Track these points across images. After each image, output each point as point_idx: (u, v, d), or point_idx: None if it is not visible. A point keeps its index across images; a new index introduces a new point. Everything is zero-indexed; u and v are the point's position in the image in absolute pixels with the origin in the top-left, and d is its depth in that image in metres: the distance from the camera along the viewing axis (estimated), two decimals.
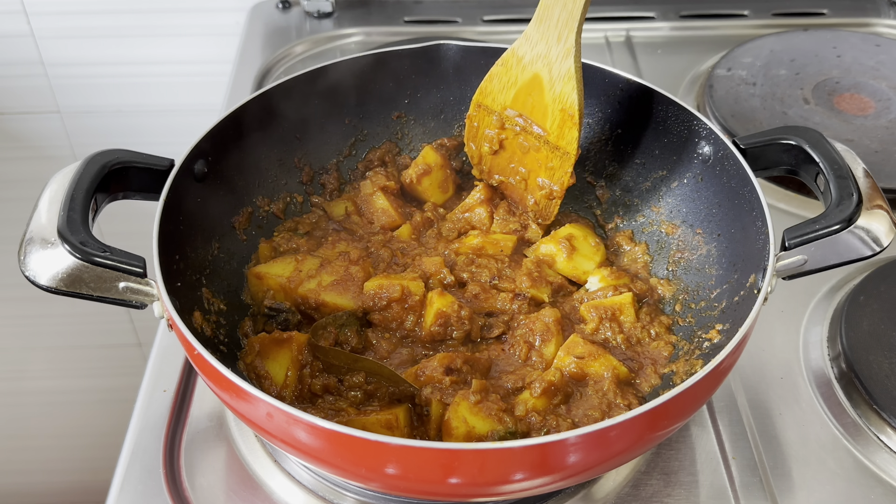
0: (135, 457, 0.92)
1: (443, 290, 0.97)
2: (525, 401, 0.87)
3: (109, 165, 0.85)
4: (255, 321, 0.97)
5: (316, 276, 0.99)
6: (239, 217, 1.03)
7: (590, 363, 0.91)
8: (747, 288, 0.89)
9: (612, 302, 0.98)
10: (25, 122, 1.83)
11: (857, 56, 1.51)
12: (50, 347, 2.20)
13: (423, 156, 1.12)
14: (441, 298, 0.95)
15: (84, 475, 2.39)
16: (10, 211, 1.77)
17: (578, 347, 0.92)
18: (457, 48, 1.12)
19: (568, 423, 0.85)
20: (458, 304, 0.95)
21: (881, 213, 0.84)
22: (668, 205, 1.06)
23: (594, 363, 0.91)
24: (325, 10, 1.66)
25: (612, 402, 0.87)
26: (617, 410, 0.87)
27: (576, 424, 0.85)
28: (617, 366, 0.91)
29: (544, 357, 0.93)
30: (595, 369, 0.91)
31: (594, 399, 0.88)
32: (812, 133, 0.91)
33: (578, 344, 0.93)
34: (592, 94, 1.07)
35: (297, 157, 1.10)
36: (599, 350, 0.92)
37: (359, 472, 0.74)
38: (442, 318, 0.94)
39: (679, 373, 0.91)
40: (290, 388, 0.87)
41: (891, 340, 1.02)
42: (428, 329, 0.95)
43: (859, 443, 0.94)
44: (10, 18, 1.67)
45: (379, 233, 1.08)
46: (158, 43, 1.73)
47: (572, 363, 0.91)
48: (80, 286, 0.77)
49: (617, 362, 0.92)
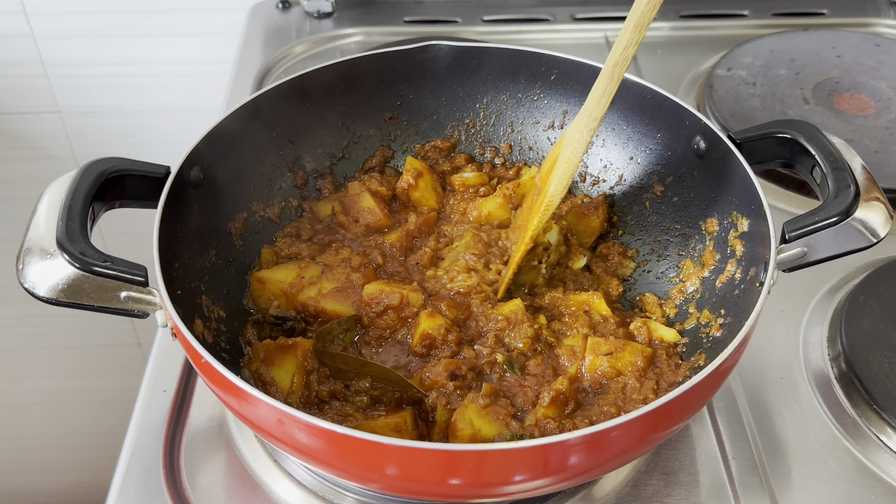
0: (135, 457, 0.92)
1: (433, 311, 0.95)
2: (535, 411, 0.85)
3: (106, 174, 0.85)
4: (259, 328, 0.97)
5: (317, 282, 0.99)
6: (235, 223, 1.03)
7: (619, 357, 0.90)
8: (748, 281, 0.89)
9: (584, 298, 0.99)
10: (25, 122, 1.83)
11: (857, 56, 1.51)
12: (50, 347, 2.20)
13: (409, 163, 1.12)
14: (429, 320, 0.93)
15: (84, 475, 2.39)
16: (10, 211, 1.77)
17: (602, 346, 0.91)
18: (448, 48, 1.12)
19: (585, 424, 0.84)
20: (445, 327, 0.93)
21: (878, 205, 0.85)
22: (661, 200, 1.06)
23: (623, 355, 0.90)
24: (325, 10, 1.66)
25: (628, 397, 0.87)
26: (632, 404, 0.86)
27: (593, 424, 0.85)
28: (643, 349, 0.91)
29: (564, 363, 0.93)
30: (627, 359, 0.90)
31: (610, 396, 0.88)
32: (807, 126, 0.92)
33: (600, 343, 0.92)
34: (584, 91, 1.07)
35: (291, 161, 1.10)
36: (622, 340, 0.92)
37: (370, 476, 0.74)
38: (427, 340, 0.93)
39: None
40: (297, 395, 0.87)
41: (891, 340, 1.02)
42: (413, 348, 0.94)
43: (859, 443, 0.94)
44: (10, 18, 1.67)
45: (365, 233, 1.07)
46: (158, 43, 1.73)
47: (604, 362, 0.90)
48: (81, 297, 0.76)
49: (642, 346, 0.91)
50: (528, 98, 1.15)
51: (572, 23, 1.65)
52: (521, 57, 1.12)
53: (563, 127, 1.15)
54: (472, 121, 1.18)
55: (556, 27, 1.64)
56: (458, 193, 1.13)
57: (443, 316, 0.95)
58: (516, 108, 1.16)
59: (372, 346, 0.96)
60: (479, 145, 1.19)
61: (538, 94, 1.15)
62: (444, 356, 0.92)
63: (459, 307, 0.97)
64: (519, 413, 0.87)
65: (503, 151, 1.18)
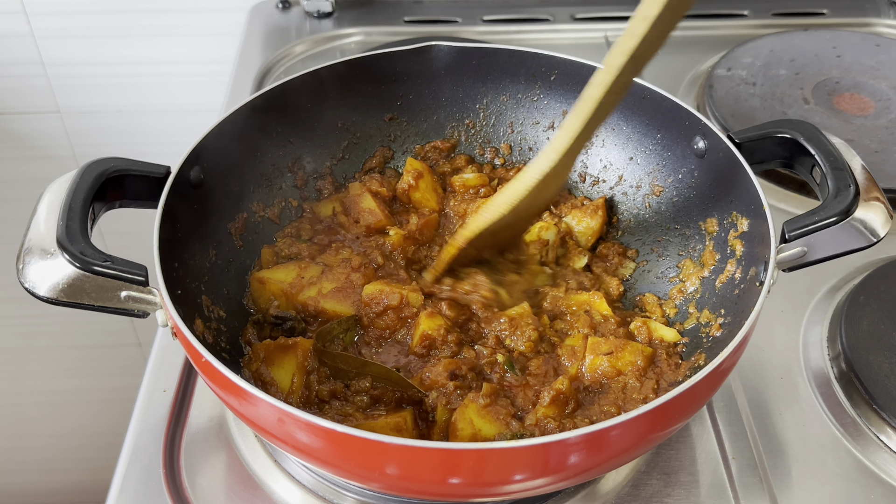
0: (135, 457, 0.92)
1: (433, 312, 0.95)
2: (535, 411, 0.85)
3: (106, 174, 0.84)
4: (259, 328, 0.97)
5: (317, 283, 0.99)
6: (235, 223, 1.03)
7: (619, 356, 0.90)
8: (748, 281, 0.89)
9: (586, 298, 0.99)
10: (25, 122, 1.83)
11: (857, 56, 1.51)
12: (50, 347, 2.20)
13: (409, 163, 1.12)
14: (428, 320, 0.93)
15: (84, 475, 2.39)
16: (10, 211, 1.76)
17: (602, 345, 0.91)
18: (448, 49, 1.12)
19: (585, 424, 0.84)
20: (445, 327, 0.93)
21: (878, 205, 0.85)
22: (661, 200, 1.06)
23: (623, 354, 0.90)
24: (325, 10, 1.66)
25: (629, 396, 0.87)
26: (632, 404, 0.86)
27: (594, 423, 0.85)
28: (643, 348, 0.91)
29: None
30: (627, 359, 0.90)
31: (611, 395, 0.88)
32: (807, 126, 0.92)
33: (600, 342, 0.92)
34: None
35: (291, 162, 1.10)
36: (622, 340, 0.92)
37: (370, 475, 0.74)
38: (427, 341, 0.93)
39: None
40: (297, 395, 0.87)
41: (891, 340, 1.02)
42: (412, 348, 0.94)
43: (859, 443, 0.94)
44: (10, 18, 1.67)
45: (365, 233, 1.07)
46: (158, 43, 1.73)
47: (604, 362, 0.90)
48: (81, 296, 0.76)
49: (643, 345, 0.91)
50: (528, 98, 1.15)
51: (572, 23, 1.65)
52: (521, 57, 1.12)
53: None
54: (472, 121, 1.18)
55: (556, 27, 1.64)
56: (459, 195, 1.13)
57: (443, 316, 0.95)
58: (516, 108, 1.16)
59: (372, 346, 0.96)
60: (479, 146, 1.19)
61: (538, 95, 1.15)
62: (445, 356, 0.92)
63: (460, 308, 0.97)
64: (519, 413, 0.86)
65: (503, 152, 1.18)
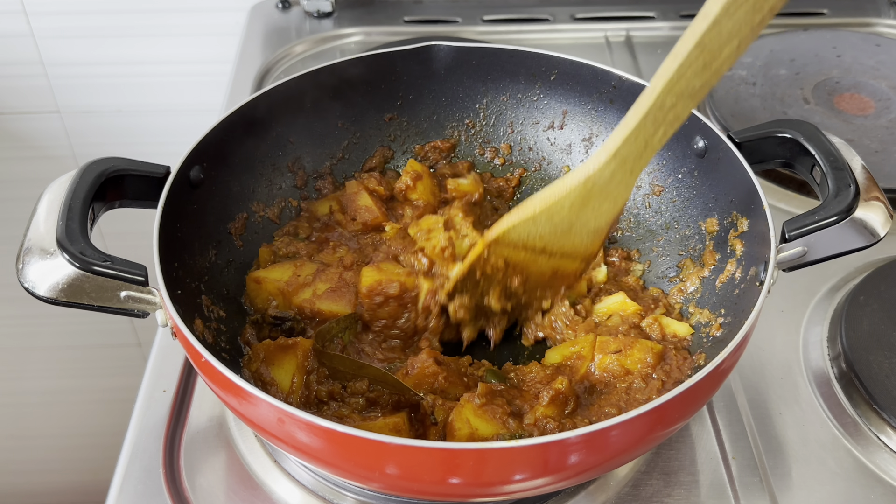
0: (135, 457, 0.92)
1: (426, 274, 0.98)
2: (534, 410, 0.85)
3: (106, 174, 0.84)
4: (258, 328, 0.97)
5: (311, 284, 0.99)
6: (235, 223, 1.03)
7: (628, 354, 0.90)
8: (748, 280, 0.89)
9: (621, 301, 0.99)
10: (25, 122, 1.83)
11: (857, 56, 1.51)
12: (50, 347, 2.20)
13: (410, 165, 1.12)
14: (427, 282, 0.97)
15: (84, 475, 2.39)
16: (10, 211, 1.77)
17: (611, 344, 0.91)
18: (448, 49, 1.12)
19: (585, 424, 0.84)
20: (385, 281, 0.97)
21: (878, 205, 0.85)
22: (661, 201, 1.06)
23: (632, 352, 0.90)
24: (325, 10, 1.66)
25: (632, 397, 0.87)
26: (634, 405, 0.86)
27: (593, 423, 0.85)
28: (653, 345, 0.90)
29: None
30: (636, 356, 0.89)
31: (613, 396, 0.88)
32: (807, 126, 0.92)
33: (608, 341, 0.91)
34: (584, 91, 1.09)
35: (291, 162, 1.10)
36: (630, 338, 0.91)
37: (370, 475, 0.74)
38: (430, 295, 0.96)
39: None
40: (297, 395, 0.87)
41: (891, 340, 1.02)
42: (362, 300, 0.97)
43: (859, 443, 0.94)
44: (10, 18, 1.67)
45: (362, 231, 1.08)
46: (158, 43, 1.73)
47: (613, 361, 0.90)
48: (81, 296, 0.76)
49: (652, 343, 0.91)
50: (528, 98, 1.15)
51: (572, 23, 1.65)
52: (521, 57, 1.12)
53: (563, 127, 1.15)
54: (472, 121, 1.18)
55: (556, 27, 1.64)
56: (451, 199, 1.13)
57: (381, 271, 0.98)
58: (516, 108, 1.16)
59: (372, 346, 0.96)
60: (479, 146, 1.19)
61: (538, 95, 1.15)
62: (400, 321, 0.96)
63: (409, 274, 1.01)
64: (516, 411, 0.87)
65: (503, 152, 1.18)
